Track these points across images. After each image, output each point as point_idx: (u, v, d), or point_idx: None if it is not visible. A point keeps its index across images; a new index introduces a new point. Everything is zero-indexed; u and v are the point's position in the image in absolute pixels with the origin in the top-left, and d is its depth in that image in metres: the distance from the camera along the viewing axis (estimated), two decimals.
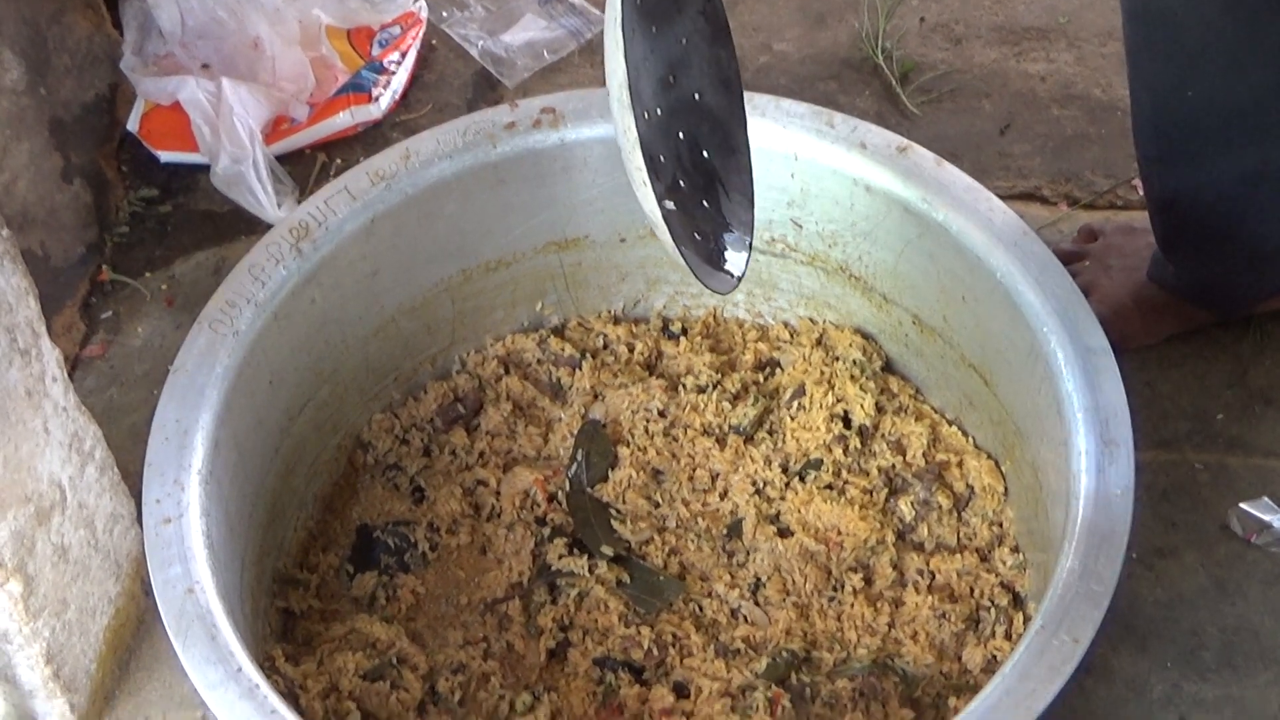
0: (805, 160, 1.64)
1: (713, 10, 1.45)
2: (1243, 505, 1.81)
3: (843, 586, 1.63)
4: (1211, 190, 1.70)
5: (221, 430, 1.46)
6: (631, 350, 1.82)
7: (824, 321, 1.80)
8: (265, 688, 1.30)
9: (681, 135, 1.43)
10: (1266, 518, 1.80)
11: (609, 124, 1.64)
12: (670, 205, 1.39)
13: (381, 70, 2.24)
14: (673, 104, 1.41)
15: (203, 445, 1.44)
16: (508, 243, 1.74)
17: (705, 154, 1.46)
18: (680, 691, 1.56)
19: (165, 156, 2.23)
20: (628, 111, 1.34)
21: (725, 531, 1.69)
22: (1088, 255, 1.97)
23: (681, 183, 1.41)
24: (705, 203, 1.47)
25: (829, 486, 1.69)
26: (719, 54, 1.48)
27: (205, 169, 2.19)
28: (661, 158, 1.39)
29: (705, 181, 1.47)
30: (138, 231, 2.21)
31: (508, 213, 1.71)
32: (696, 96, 1.46)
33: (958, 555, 1.64)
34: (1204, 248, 1.81)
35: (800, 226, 1.71)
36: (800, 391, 1.73)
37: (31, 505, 1.56)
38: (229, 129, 2.11)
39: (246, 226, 2.16)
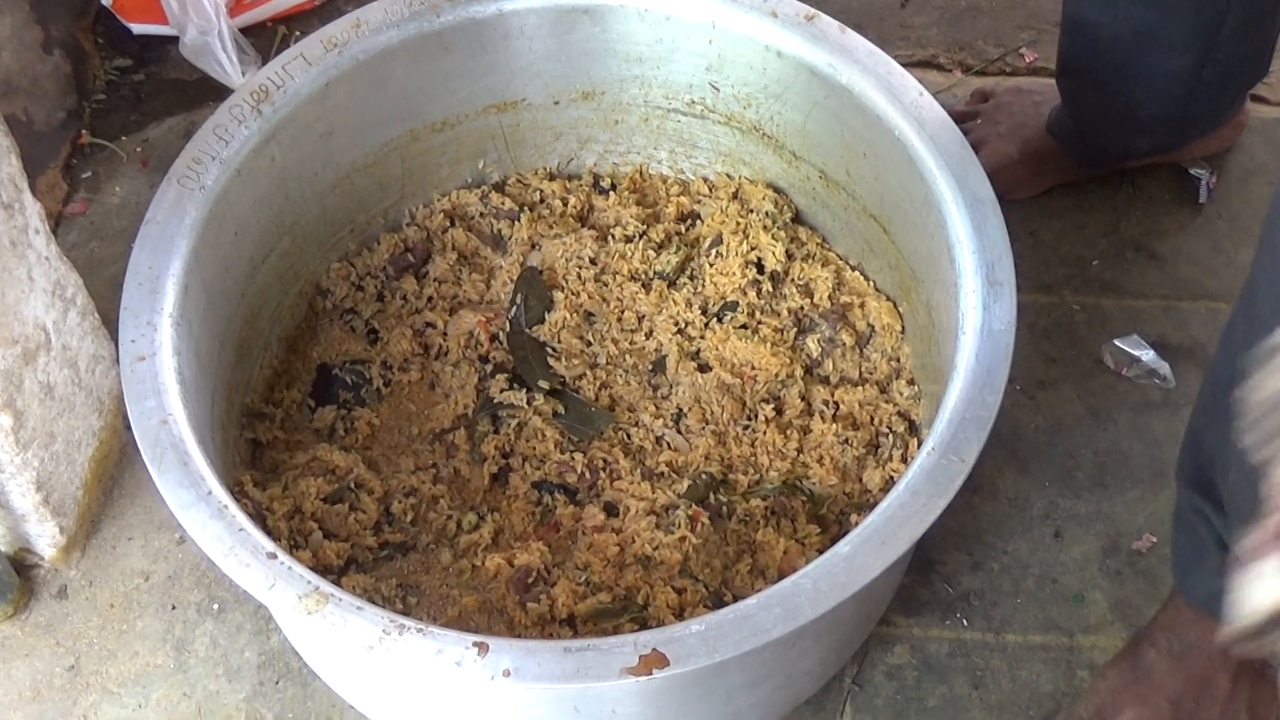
0: (721, 28, 1.62)
1: None
2: (1115, 341, 1.83)
3: (756, 416, 1.63)
4: (1110, 34, 1.69)
5: (190, 276, 1.44)
6: (565, 204, 1.80)
7: (739, 177, 1.79)
8: (233, 508, 1.29)
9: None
10: (1135, 352, 1.81)
11: None
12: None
13: None
14: None
15: (173, 290, 1.42)
16: (452, 105, 1.71)
17: None
18: (610, 510, 1.56)
19: (137, 28, 2.19)
20: None
21: (650, 367, 1.68)
22: (979, 114, 1.96)
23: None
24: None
25: (744, 326, 1.68)
26: None
27: (175, 40, 2.15)
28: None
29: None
30: (114, 98, 2.17)
31: (451, 77, 1.68)
32: None
33: (859, 388, 1.65)
34: (1092, 95, 1.80)
35: (718, 90, 1.69)
36: (718, 240, 1.72)
37: (19, 346, 1.55)
38: (195, 3, 2.07)
39: (214, 94, 2.12)
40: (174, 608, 1.70)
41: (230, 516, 1.29)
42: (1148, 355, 1.80)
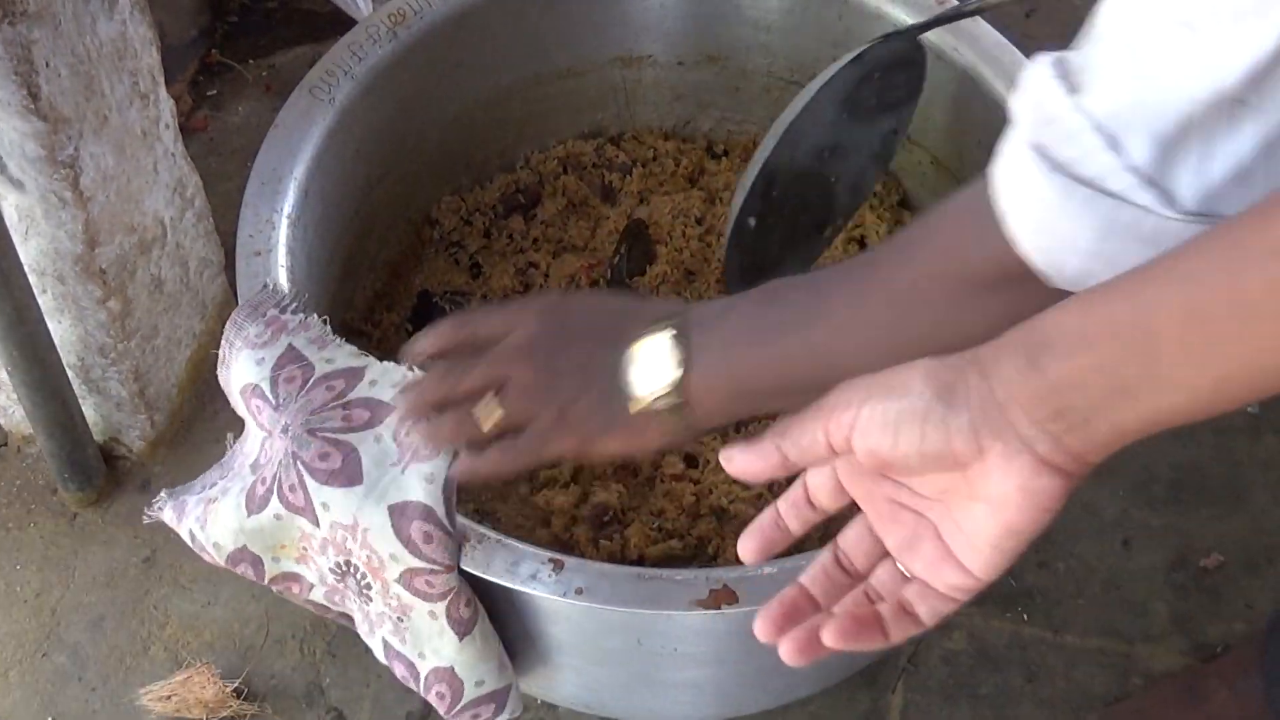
0: (853, 4, 1.62)
1: (893, 139, 1.48)
2: None
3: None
4: None
5: (311, 182, 1.47)
6: (678, 164, 1.81)
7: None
8: None
9: (797, 195, 1.42)
10: None
11: None
12: (752, 221, 1.40)
13: None
14: (812, 168, 1.41)
15: (294, 192, 1.44)
16: (579, 53, 1.73)
17: (801, 220, 1.47)
18: (690, 462, 1.57)
19: None
20: (775, 137, 1.35)
21: None
22: None
23: (770, 220, 1.41)
24: (773, 248, 1.49)
25: None
26: (871, 168, 1.50)
27: None
28: (774, 190, 1.38)
29: (787, 236, 1.46)
30: (245, 22, 2.21)
31: (581, 25, 1.70)
32: (832, 180, 1.46)
33: None
34: None
35: None
36: None
37: (136, 236, 1.59)
38: None
39: (344, 27, 2.13)
40: None
41: None
42: None
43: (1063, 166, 0.81)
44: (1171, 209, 0.78)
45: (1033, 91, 0.84)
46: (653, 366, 1.05)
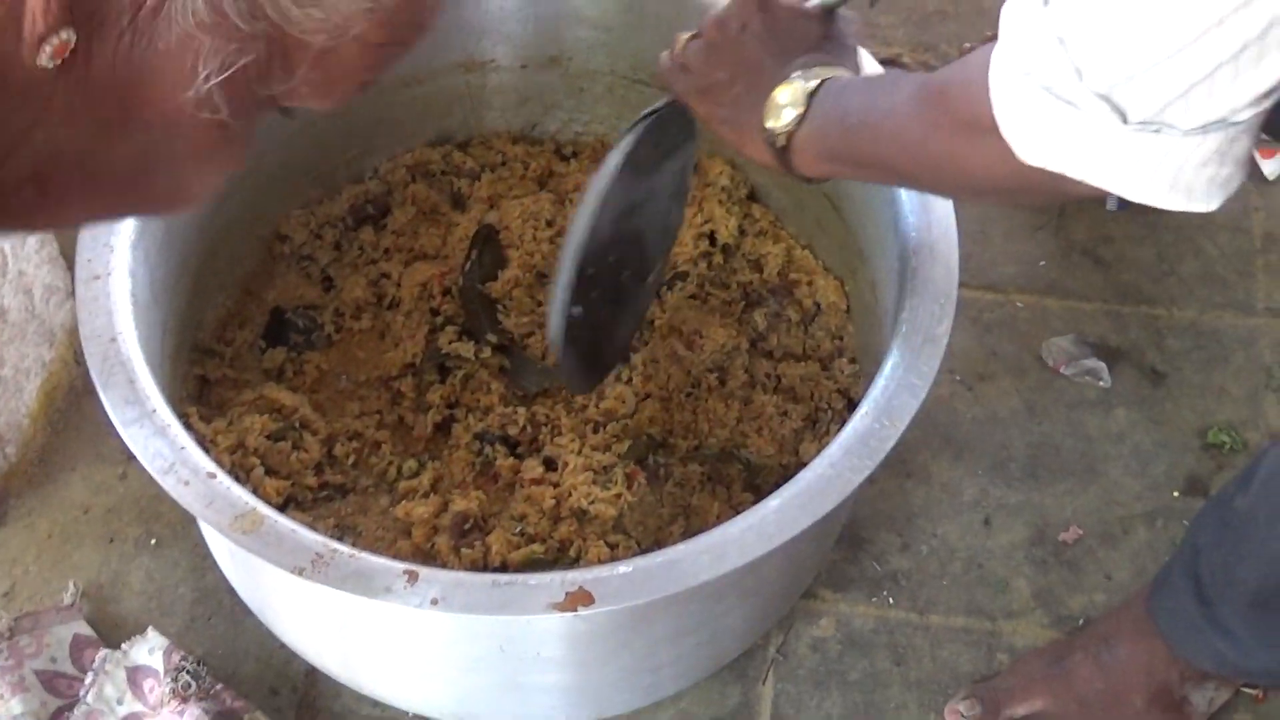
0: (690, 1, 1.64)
1: (685, 174, 1.53)
2: (1054, 340, 1.86)
3: (700, 384, 1.65)
4: None
5: None
6: (527, 167, 1.82)
7: (697, 151, 1.80)
8: (177, 427, 1.31)
9: (613, 262, 1.47)
10: (1074, 350, 1.84)
11: None
12: (578, 310, 1.44)
13: None
14: (619, 234, 1.45)
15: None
16: (420, 61, 1.73)
17: (623, 279, 1.51)
18: (549, 465, 1.58)
19: None
20: (579, 240, 1.40)
21: None
22: None
23: (593, 296, 1.46)
24: (604, 317, 1.53)
25: (694, 296, 1.71)
26: (672, 206, 1.54)
27: None
28: (589, 270, 1.43)
29: (612, 300, 1.51)
30: None
31: None
32: (641, 233, 1.50)
33: (802, 363, 1.67)
34: None
35: None
36: None
37: None
38: None
39: None
40: (112, 541, 1.71)
41: (173, 435, 1.30)
42: (1086, 355, 1.83)
43: (1039, 81, 0.91)
44: (1123, 124, 0.88)
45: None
46: (782, 107, 1.23)
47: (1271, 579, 1.37)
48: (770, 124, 1.24)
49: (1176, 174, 0.90)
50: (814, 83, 1.23)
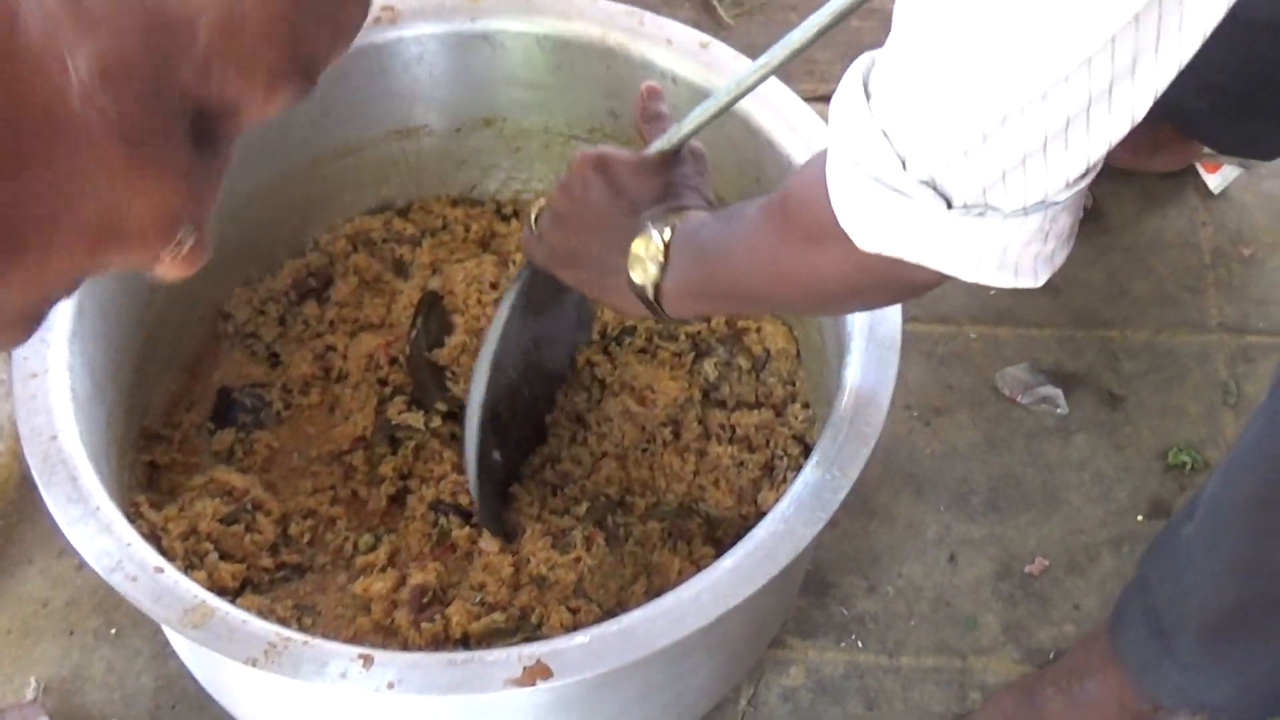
0: (619, 55, 1.63)
1: (584, 307, 1.58)
2: (1009, 369, 1.85)
3: (655, 439, 1.64)
4: None
5: (85, 298, 1.44)
6: (468, 230, 1.81)
7: None
8: (122, 524, 1.29)
9: (524, 396, 1.51)
10: (1029, 379, 1.84)
11: (445, 22, 1.64)
12: (496, 455, 1.50)
13: None
14: (525, 367, 1.49)
15: (69, 309, 1.42)
16: (353, 131, 1.72)
17: (536, 407, 1.57)
18: (507, 537, 1.56)
19: None
20: (479, 392, 1.45)
21: None
22: None
23: (508, 433, 1.50)
24: (521, 446, 1.59)
25: (642, 350, 1.69)
26: (576, 330, 1.59)
27: None
28: (501, 412, 1.46)
29: (526, 429, 1.57)
30: None
31: (352, 103, 1.69)
32: (546, 362, 1.55)
33: (755, 411, 1.66)
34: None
35: (617, 117, 1.70)
36: None
37: None
38: None
39: None
40: (72, 633, 1.69)
41: (118, 532, 1.28)
42: (1042, 383, 1.83)
43: (868, 171, 0.92)
44: (949, 209, 0.90)
45: (842, 95, 0.94)
46: (643, 260, 1.25)
47: (1221, 604, 1.36)
48: (637, 279, 1.25)
49: (1003, 254, 0.93)
50: (669, 230, 1.24)
